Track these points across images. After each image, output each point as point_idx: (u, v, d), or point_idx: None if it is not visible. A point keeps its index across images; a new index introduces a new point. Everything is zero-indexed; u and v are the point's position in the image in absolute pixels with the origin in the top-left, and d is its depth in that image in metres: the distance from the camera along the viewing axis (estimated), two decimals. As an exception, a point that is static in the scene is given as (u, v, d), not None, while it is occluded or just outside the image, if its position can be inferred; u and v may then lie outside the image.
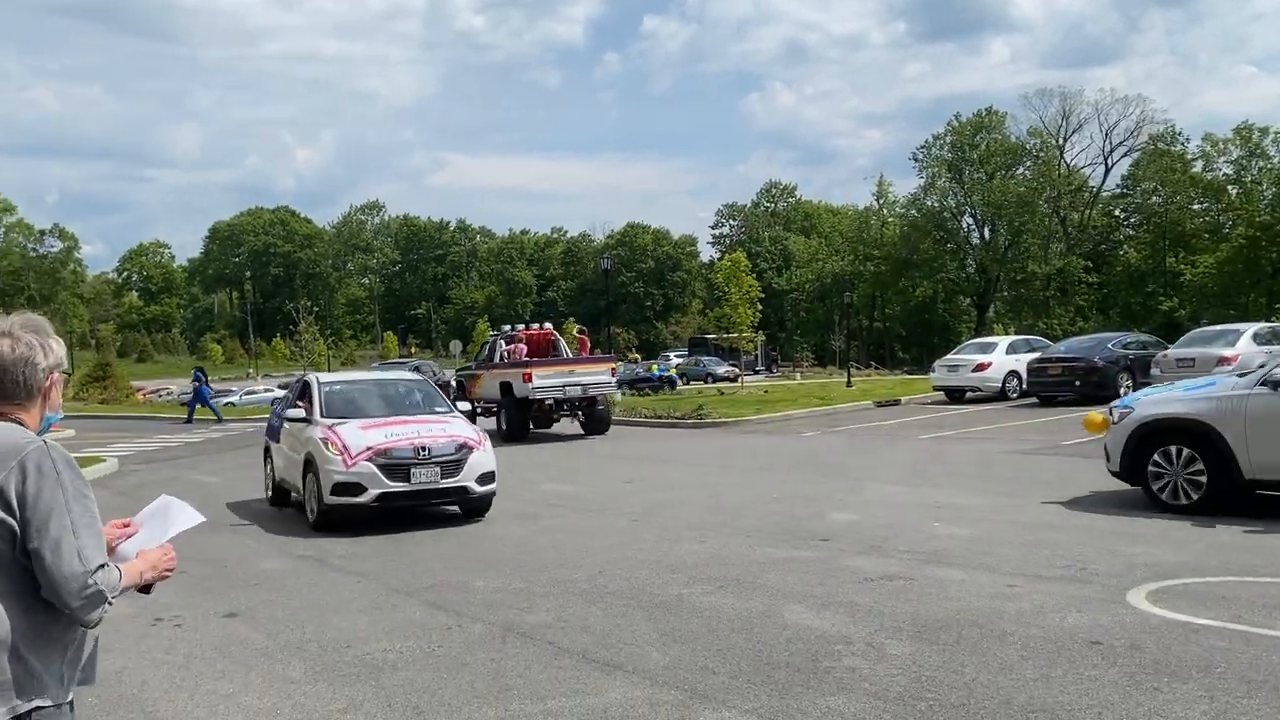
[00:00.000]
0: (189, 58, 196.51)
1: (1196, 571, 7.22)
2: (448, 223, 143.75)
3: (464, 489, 10.73)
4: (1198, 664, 5.22)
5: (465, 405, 13.31)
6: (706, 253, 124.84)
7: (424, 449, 10.58)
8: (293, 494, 12.14)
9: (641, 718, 4.84)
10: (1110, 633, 5.82)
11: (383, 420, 11.23)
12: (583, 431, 21.48)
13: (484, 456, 10.94)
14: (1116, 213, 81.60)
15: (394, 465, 10.43)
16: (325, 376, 13.21)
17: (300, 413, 11.60)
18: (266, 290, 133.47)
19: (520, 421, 21.16)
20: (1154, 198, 75.88)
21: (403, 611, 7.06)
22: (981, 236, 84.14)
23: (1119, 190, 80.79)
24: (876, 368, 68.73)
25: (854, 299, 77.89)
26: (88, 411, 37.45)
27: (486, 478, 10.91)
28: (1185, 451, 9.54)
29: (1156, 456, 9.77)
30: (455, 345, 63.89)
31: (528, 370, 20.81)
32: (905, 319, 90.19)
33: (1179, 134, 76.19)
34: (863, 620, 6.32)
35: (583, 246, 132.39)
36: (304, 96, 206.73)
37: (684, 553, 8.72)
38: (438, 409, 12.12)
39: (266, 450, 13.51)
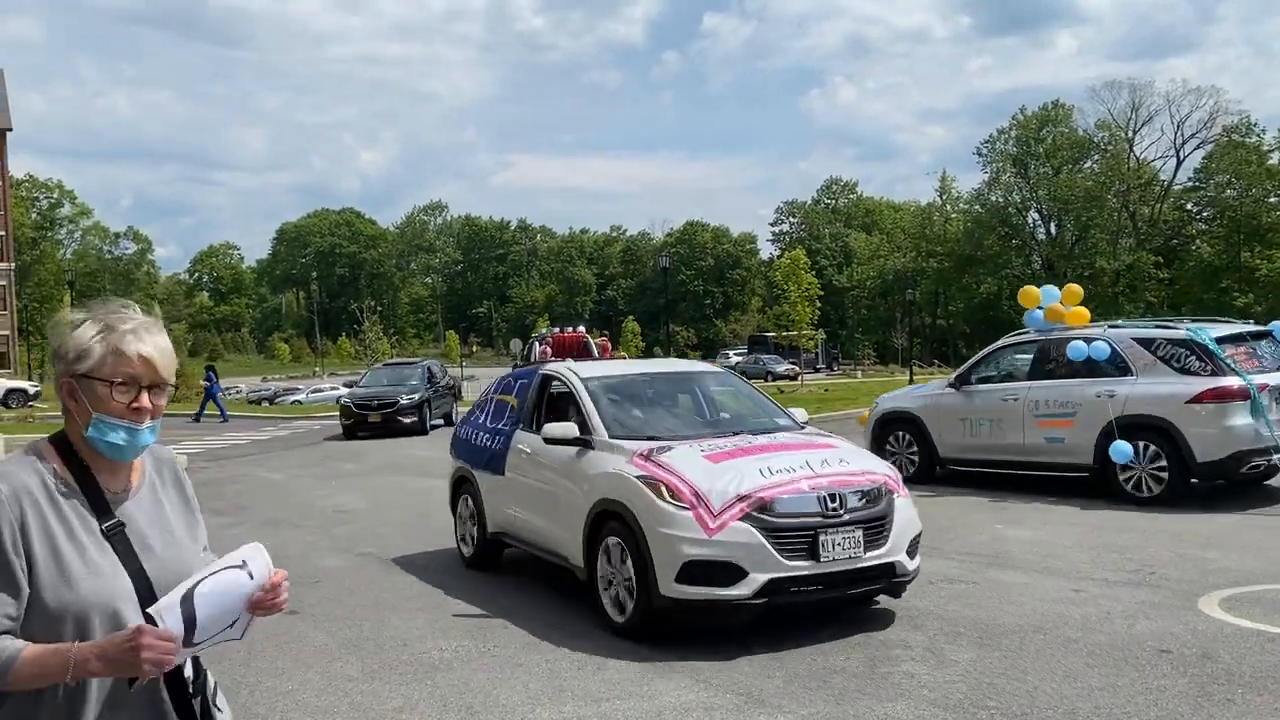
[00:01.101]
0: (255, 62, 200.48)
1: (1273, 578, 6.99)
2: (508, 222, 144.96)
3: (891, 567, 6.21)
4: (1274, 675, 5.04)
5: (801, 413, 7.92)
6: (766, 250, 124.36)
7: (834, 498, 6.08)
8: (507, 545, 8.26)
9: (696, 722, 4.79)
10: (1180, 640, 5.65)
11: (737, 445, 6.59)
12: None
13: (909, 507, 6.54)
14: (1188, 206, 79.52)
15: (788, 529, 5.94)
16: (585, 369, 8.13)
17: (567, 430, 7.03)
18: (332, 290, 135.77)
19: None
20: (1228, 191, 73.79)
21: (459, 611, 7.09)
22: (1047, 232, 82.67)
23: (1191, 183, 78.71)
24: (940, 366, 67.86)
25: (916, 296, 76.90)
26: (159, 409, 38.37)
27: (915, 543, 6.51)
28: (907, 436, 12.67)
29: (890, 439, 12.85)
30: (515, 344, 64.37)
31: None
32: (969, 316, 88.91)
33: (1254, 125, 74.01)
34: (922, 624, 6.21)
35: (642, 245, 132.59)
36: (367, 99, 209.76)
37: (741, 554, 8.65)
38: (779, 420, 7.57)
39: (460, 482, 8.89)
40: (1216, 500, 9.91)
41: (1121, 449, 10.15)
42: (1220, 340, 10.48)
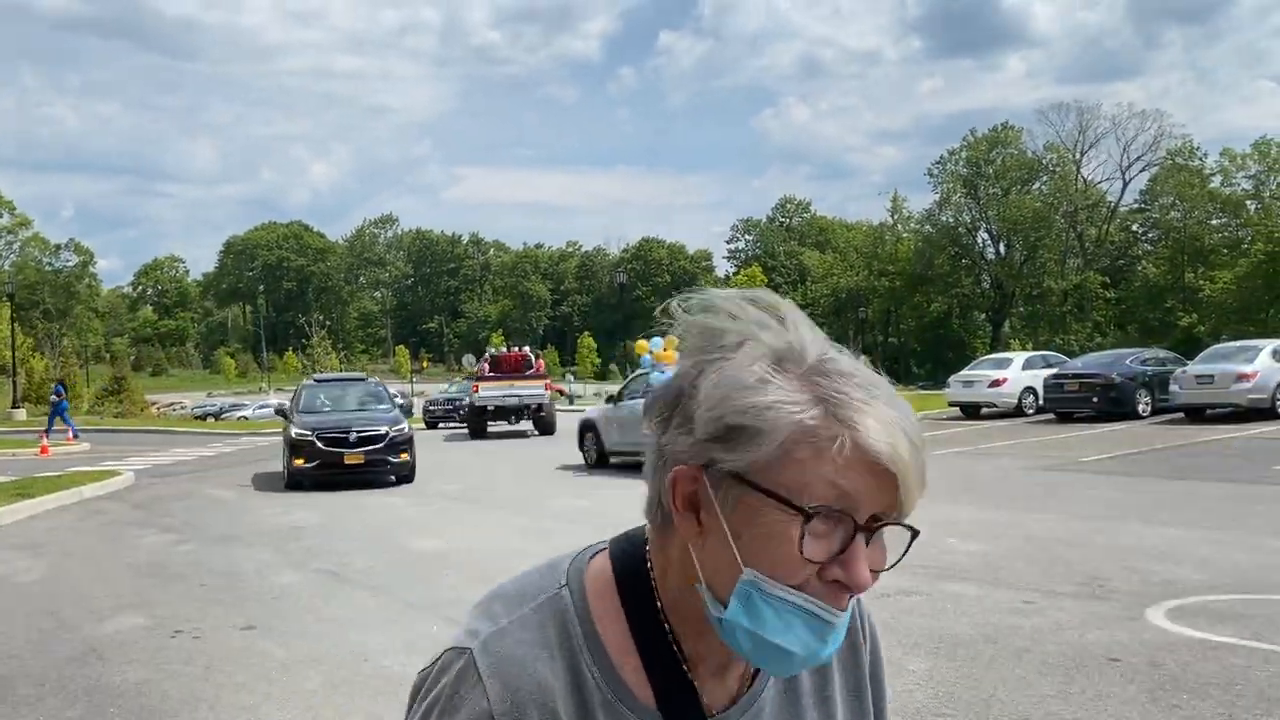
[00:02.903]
0: (206, 74, 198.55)
1: (1214, 589, 7.18)
2: (460, 236, 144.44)
3: None
4: (1217, 681, 5.19)
5: None
6: (722, 267, 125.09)
7: None
8: None
9: (658, 732, 4.84)
10: (1129, 649, 5.80)
11: None
12: (536, 431, 27.12)
13: None
14: (1134, 228, 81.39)
15: None
16: None
17: None
18: (279, 304, 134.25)
19: (475, 423, 26.69)
20: (1172, 213, 75.64)
21: (420, 626, 7.07)
22: (997, 252, 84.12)
23: (1137, 205, 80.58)
24: (892, 383, 68.54)
25: (869, 314, 77.87)
26: (103, 425, 37.76)
27: None
28: (592, 436, 18.19)
29: (584, 439, 18.47)
30: (469, 360, 64.15)
31: (476, 384, 27.10)
32: (920, 334, 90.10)
33: (1197, 149, 76.04)
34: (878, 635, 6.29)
35: (597, 260, 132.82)
36: (319, 111, 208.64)
37: (699, 567, 8.72)
38: None
39: None
40: (1156, 518, 10.14)
41: None
42: None
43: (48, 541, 11.53)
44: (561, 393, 34.57)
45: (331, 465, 15.84)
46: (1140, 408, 21.94)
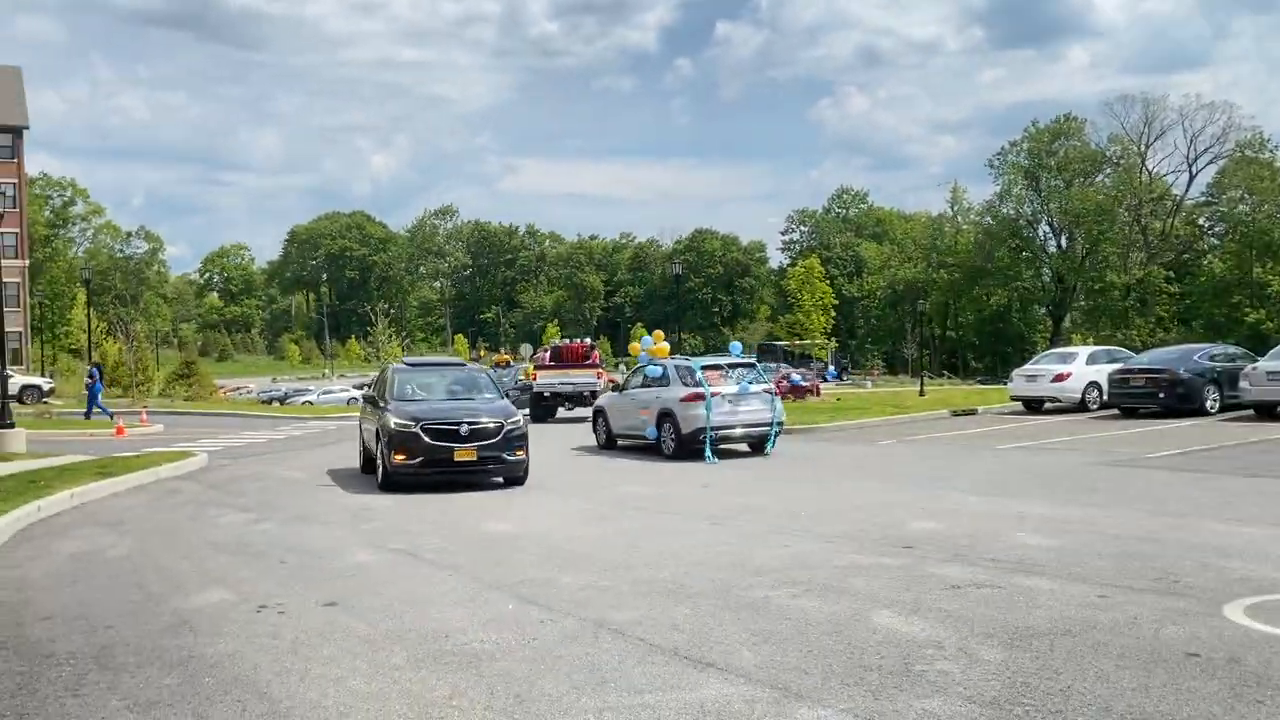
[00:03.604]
0: (272, 64, 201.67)
1: (1295, 587, 7.09)
2: (517, 228, 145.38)
3: None
4: (1301, 678, 5.16)
5: None
6: (775, 259, 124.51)
7: None
8: None
9: (739, 714, 4.93)
10: (1208, 645, 5.77)
11: None
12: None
13: None
14: (1200, 221, 79.58)
15: None
16: None
17: None
18: (342, 292, 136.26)
19: (536, 408, 27.96)
20: (1240, 206, 73.83)
21: (496, 605, 7.23)
22: (1058, 245, 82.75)
23: (1203, 198, 78.74)
24: (949, 377, 67.84)
25: (927, 307, 76.97)
26: (174, 408, 38.69)
27: None
28: (602, 420, 19.96)
29: (597, 423, 20.24)
30: (526, 349, 64.85)
31: (534, 372, 29.58)
32: (979, 328, 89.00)
33: (1267, 141, 74.04)
34: (953, 626, 6.33)
35: (650, 252, 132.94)
36: (380, 102, 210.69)
37: (767, 556, 8.79)
38: None
39: None
40: (1230, 514, 9.98)
41: (650, 430, 17.98)
42: (705, 367, 17.91)
43: (131, 519, 11.91)
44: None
45: (439, 462, 13.74)
46: (1208, 404, 21.53)
